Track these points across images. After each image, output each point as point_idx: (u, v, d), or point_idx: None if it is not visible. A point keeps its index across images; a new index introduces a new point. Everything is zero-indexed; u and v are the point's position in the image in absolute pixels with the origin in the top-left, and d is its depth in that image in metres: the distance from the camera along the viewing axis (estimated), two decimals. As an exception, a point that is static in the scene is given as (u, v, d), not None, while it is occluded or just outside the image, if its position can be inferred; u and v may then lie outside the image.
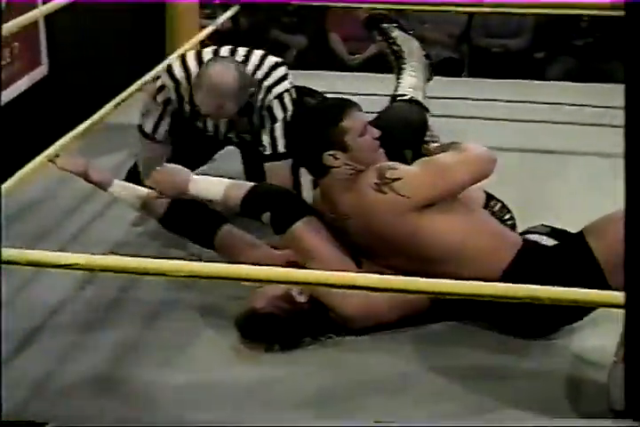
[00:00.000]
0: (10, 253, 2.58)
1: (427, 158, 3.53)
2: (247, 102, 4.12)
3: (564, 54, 7.13)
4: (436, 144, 3.82)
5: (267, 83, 4.11)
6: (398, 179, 3.32)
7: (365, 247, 3.45)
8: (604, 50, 6.94)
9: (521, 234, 3.60)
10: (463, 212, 3.44)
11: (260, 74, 4.12)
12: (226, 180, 3.61)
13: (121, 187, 3.79)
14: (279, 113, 4.08)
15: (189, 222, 3.70)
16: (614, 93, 4.72)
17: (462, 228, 3.38)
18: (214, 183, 3.61)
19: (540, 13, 6.44)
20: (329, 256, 3.43)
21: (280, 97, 4.12)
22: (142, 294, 3.66)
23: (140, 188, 3.75)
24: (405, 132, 3.96)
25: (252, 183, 3.64)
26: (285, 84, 4.13)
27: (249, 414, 3.03)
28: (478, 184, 3.52)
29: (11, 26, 3.97)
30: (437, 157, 3.50)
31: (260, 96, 4.12)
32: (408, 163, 3.56)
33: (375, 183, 3.34)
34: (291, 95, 4.15)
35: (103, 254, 3.11)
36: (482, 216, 3.52)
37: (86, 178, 3.80)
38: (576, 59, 7.09)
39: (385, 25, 4.35)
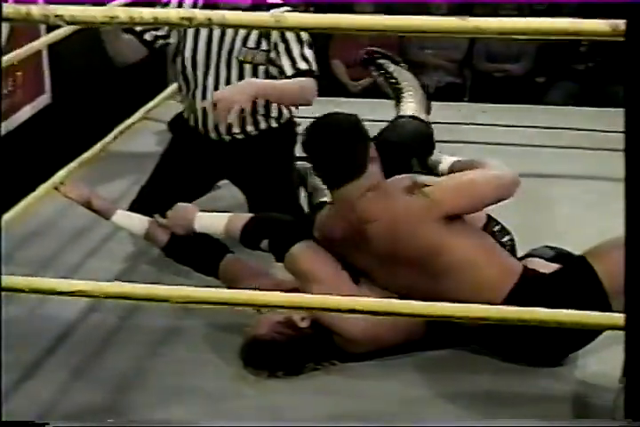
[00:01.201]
0: (14, 280, 2.57)
1: (457, 173, 3.56)
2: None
3: (565, 79, 7.13)
4: (456, 159, 3.82)
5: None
6: (429, 185, 3.36)
7: (383, 254, 3.40)
8: (604, 74, 6.95)
9: (524, 256, 3.61)
10: (477, 233, 3.47)
11: None
12: (228, 214, 3.63)
13: (124, 216, 3.78)
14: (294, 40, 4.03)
15: (192, 252, 3.70)
16: (615, 118, 4.73)
17: (477, 248, 3.38)
18: (217, 218, 3.63)
19: (540, 39, 6.46)
20: (327, 277, 3.41)
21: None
22: (145, 321, 3.65)
23: (143, 217, 3.74)
24: (412, 142, 3.97)
25: (251, 215, 3.65)
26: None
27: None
28: None
29: (14, 56, 3.99)
30: (467, 172, 3.51)
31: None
32: (416, 172, 3.62)
33: (408, 187, 3.37)
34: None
35: (108, 281, 3.12)
36: (489, 240, 3.52)
37: (89, 206, 3.81)
38: (577, 83, 7.10)
39: (381, 61, 4.37)
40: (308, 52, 4.06)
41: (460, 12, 6.83)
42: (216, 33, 4.04)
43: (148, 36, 4.08)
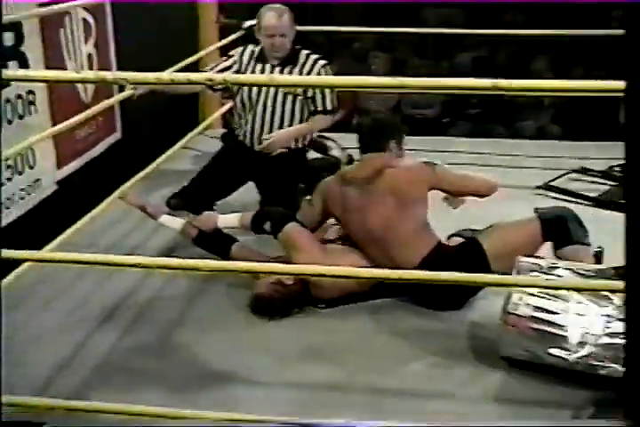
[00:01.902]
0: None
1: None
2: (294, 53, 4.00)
3: (462, 120, 7.18)
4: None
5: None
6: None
7: (375, 204, 3.40)
8: (488, 117, 7.02)
9: (452, 235, 3.62)
10: (423, 211, 3.46)
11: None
12: (240, 213, 3.66)
13: (167, 218, 3.80)
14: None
15: (213, 242, 3.70)
16: (498, 145, 4.68)
17: (418, 221, 3.41)
18: (232, 217, 3.67)
19: (444, 93, 6.47)
20: (307, 247, 3.42)
21: (325, 66, 4.05)
22: (171, 291, 3.62)
23: (180, 219, 3.77)
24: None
25: (255, 211, 3.68)
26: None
27: (260, 360, 3.04)
28: None
29: (97, 108, 3.98)
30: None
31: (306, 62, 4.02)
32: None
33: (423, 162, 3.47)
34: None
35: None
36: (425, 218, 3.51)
37: (144, 210, 3.85)
38: (470, 122, 7.15)
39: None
40: (333, 96, 4.08)
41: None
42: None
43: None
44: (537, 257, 3.16)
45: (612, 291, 2.86)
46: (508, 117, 7.19)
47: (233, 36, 5.43)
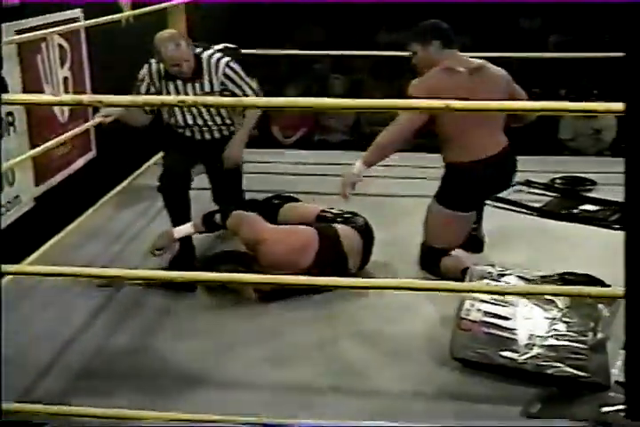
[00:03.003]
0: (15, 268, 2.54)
1: None
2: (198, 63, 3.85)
3: (416, 137, 7.19)
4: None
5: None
6: None
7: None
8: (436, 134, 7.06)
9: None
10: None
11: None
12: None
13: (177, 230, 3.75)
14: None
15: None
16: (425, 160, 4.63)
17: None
18: (185, 226, 3.71)
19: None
20: (253, 223, 3.54)
21: (228, 64, 3.91)
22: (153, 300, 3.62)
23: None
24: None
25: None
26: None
27: (230, 364, 3.03)
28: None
29: (73, 133, 3.95)
30: None
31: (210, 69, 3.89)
32: None
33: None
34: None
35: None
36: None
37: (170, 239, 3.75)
38: (424, 138, 7.16)
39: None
40: (247, 85, 3.94)
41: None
42: (182, 92, 3.89)
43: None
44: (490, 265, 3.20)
45: (557, 295, 2.92)
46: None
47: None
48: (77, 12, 4.49)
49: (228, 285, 3.38)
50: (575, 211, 4.52)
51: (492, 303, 2.94)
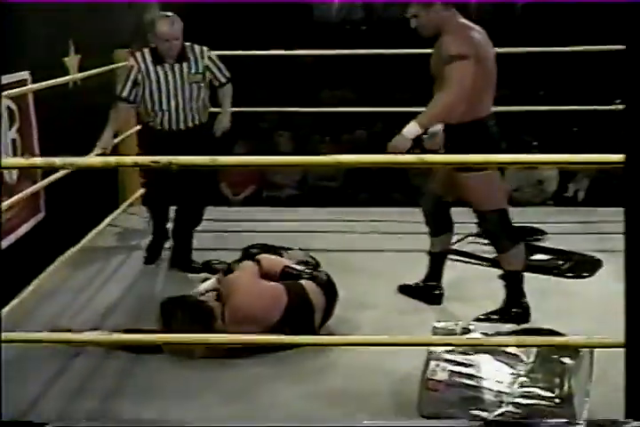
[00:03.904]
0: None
1: None
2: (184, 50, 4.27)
3: (363, 191, 7.20)
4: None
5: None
6: None
7: None
8: (388, 186, 7.07)
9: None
10: None
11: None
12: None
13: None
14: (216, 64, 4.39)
15: None
16: (397, 213, 4.62)
17: None
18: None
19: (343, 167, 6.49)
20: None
21: (209, 52, 4.37)
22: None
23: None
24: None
25: None
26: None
27: None
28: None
29: (21, 196, 3.83)
30: None
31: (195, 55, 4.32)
32: None
33: None
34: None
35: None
36: None
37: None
38: (369, 193, 7.19)
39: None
40: (226, 70, 4.43)
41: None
42: (170, 75, 4.28)
43: (131, 98, 4.34)
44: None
45: (521, 346, 2.86)
46: (406, 186, 7.24)
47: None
48: (25, 75, 4.38)
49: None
50: (528, 261, 4.48)
51: (457, 362, 2.86)
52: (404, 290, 3.96)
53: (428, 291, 3.87)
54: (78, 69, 4.94)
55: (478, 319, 3.51)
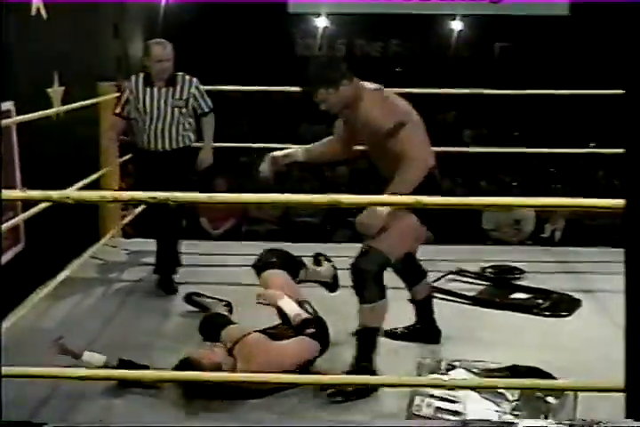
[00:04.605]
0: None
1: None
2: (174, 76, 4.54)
3: (343, 227, 7.21)
4: None
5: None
6: None
7: None
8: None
9: None
10: None
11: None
12: None
13: (88, 355, 3.42)
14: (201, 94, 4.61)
15: None
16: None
17: None
18: None
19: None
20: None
21: (197, 82, 4.61)
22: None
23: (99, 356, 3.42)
24: None
25: None
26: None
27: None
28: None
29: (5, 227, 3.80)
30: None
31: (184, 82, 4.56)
32: None
33: None
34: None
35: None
36: None
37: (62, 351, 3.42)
38: (350, 230, 7.16)
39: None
40: (209, 101, 4.64)
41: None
42: (155, 97, 4.52)
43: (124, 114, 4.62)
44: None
45: (507, 388, 2.86)
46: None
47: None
48: (9, 105, 4.36)
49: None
50: (507, 299, 4.50)
51: (442, 398, 2.85)
52: (391, 335, 3.78)
53: (424, 331, 3.79)
54: (62, 101, 4.93)
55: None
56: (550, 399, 2.85)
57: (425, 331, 3.80)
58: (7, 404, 2.83)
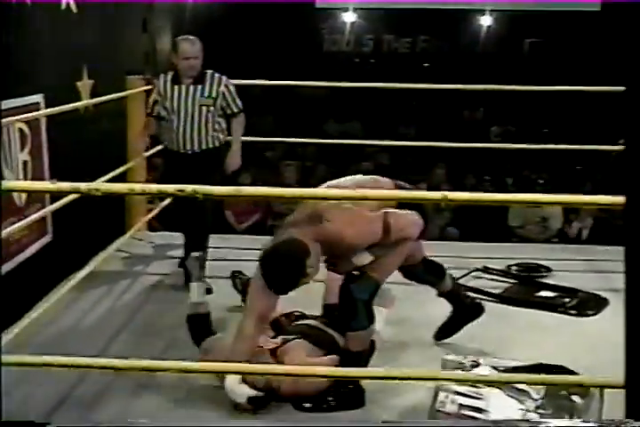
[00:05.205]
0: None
1: None
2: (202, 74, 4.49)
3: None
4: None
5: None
6: None
7: None
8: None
9: None
10: None
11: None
12: None
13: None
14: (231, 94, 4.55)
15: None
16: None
17: None
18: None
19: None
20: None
21: (227, 80, 4.56)
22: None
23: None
24: None
25: None
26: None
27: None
28: None
29: (31, 219, 3.82)
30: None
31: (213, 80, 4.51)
32: None
33: None
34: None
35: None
36: None
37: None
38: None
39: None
40: (239, 101, 4.58)
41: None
42: (183, 95, 4.47)
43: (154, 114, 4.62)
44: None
45: (530, 384, 2.84)
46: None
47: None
48: (39, 98, 4.40)
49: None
50: (533, 297, 4.47)
51: (466, 395, 2.84)
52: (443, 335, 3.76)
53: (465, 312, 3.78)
54: (90, 95, 4.96)
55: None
56: (575, 398, 2.83)
57: (466, 311, 3.76)
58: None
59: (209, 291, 4.40)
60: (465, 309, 3.79)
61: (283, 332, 3.45)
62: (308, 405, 3.12)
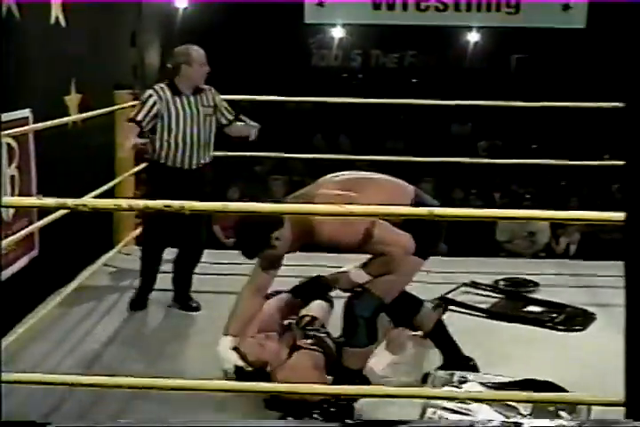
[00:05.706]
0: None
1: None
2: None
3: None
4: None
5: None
6: None
7: None
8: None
9: None
10: None
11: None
12: None
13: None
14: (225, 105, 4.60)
15: None
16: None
17: None
18: None
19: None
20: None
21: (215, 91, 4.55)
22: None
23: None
24: None
25: None
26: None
27: None
28: None
29: (20, 235, 3.81)
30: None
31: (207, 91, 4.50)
32: None
33: None
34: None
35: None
36: None
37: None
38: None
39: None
40: (230, 108, 4.62)
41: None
42: (186, 104, 4.39)
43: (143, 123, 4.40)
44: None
45: (519, 401, 2.84)
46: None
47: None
48: (27, 113, 4.40)
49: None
50: (521, 312, 4.49)
51: (454, 411, 2.84)
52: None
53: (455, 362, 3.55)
54: (79, 109, 4.96)
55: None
56: (563, 414, 2.84)
57: (456, 361, 3.54)
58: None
59: (197, 308, 4.41)
60: (453, 358, 3.59)
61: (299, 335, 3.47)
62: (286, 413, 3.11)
